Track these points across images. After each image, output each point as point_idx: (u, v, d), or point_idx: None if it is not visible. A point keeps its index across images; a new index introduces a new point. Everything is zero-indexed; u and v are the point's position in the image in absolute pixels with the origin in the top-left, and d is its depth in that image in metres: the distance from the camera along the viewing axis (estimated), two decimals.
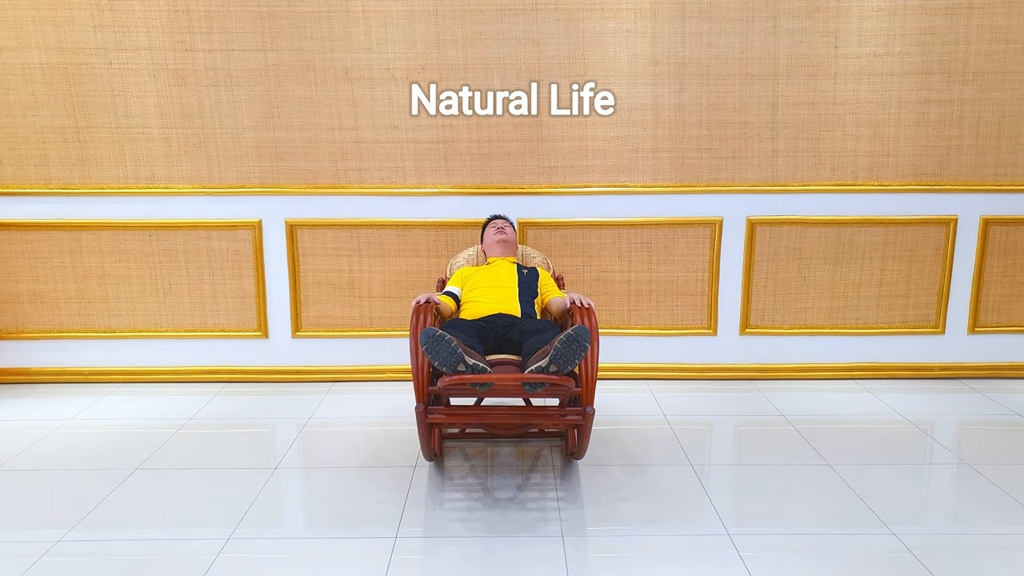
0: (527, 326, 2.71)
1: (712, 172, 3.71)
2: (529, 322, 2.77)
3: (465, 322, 2.75)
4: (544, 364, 2.28)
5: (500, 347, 2.74)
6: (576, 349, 2.27)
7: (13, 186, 3.69)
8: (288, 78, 3.60)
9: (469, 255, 3.39)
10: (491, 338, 2.72)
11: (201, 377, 3.88)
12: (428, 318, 2.61)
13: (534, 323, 2.74)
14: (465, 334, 2.58)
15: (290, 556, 2.23)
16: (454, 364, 2.24)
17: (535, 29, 3.56)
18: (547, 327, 2.67)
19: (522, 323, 2.77)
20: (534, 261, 3.35)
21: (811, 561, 2.18)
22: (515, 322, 2.79)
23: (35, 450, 3.01)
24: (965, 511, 2.51)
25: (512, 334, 2.72)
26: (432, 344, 2.25)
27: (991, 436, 3.18)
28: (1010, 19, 3.55)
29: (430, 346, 2.25)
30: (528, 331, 2.66)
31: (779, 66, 3.60)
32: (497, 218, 3.39)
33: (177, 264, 3.78)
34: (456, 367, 2.25)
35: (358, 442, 3.10)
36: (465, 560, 2.20)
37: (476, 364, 2.28)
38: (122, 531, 2.37)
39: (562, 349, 2.26)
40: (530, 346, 2.54)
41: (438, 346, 2.24)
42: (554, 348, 2.27)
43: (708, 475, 2.76)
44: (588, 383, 2.43)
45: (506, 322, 2.79)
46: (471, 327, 2.70)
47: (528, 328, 2.68)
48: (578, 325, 2.33)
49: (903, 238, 3.78)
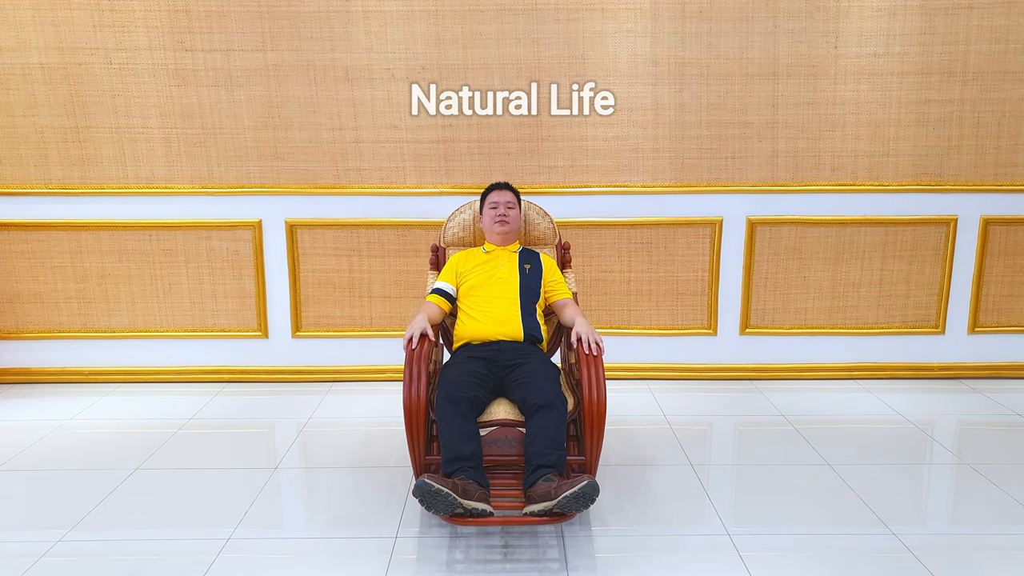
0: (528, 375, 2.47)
1: (712, 172, 3.71)
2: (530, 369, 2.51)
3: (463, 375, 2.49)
4: (547, 508, 2.13)
5: (501, 388, 2.54)
6: (583, 504, 2.13)
7: (13, 186, 3.69)
8: (288, 78, 3.60)
9: (464, 221, 3.01)
10: (491, 381, 2.52)
11: (201, 377, 3.88)
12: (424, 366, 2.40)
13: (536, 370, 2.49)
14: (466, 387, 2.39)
15: (290, 556, 2.23)
16: (451, 510, 2.12)
17: (535, 29, 3.56)
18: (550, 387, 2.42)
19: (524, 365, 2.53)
20: (539, 228, 3.02)
21: (811, 561, 2.18)
22: (517, 359, 2.57)
23: (35, 450, 3.01)
24: (965, 511, 2.50)
25: (513, 380, 2.51)
26: (428, 498, 2.11)
27: (991, 436, 3.18)
28: (1010, 19, 3.55)
29: (425, 500, 2.12)
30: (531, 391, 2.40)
31: (779, 66, 3.60)
32: (499, 189, 2.90)
33: (177, 264, 3.78)
34: (454, 512, 2.13)
35: (358, 442, 3.10)
36: (465, 560, 2.20)
37: (475, 508, 2.14)
38: (122, 531, 2.37)
39: (567, 504, 2.11)
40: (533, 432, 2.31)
41: (435, 500, 2.11)
42: (559, 500, 2.11)
43: (708, 475, 2.76)
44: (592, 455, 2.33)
45: (508, 358, 2.57)
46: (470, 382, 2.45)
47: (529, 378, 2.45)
48: (588, 481, 2.11)
49: (903, 238, 3.78)
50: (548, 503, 2.12)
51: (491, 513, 2.15)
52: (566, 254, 3.03)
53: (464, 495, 2.13)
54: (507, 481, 2.38)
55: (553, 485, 2.14)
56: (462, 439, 2.28)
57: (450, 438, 2.28)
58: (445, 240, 3.03)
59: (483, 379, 2.48)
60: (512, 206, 2.85)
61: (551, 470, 2.22)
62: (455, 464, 2.24)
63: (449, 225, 3.03)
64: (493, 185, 2.92)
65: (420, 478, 2.13)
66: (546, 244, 3.04)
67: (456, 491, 2.11)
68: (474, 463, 2.26)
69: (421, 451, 2.37)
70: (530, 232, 3.03)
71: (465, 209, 3.03)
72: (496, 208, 2.83)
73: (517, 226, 2.89)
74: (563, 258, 3.03)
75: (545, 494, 2.14)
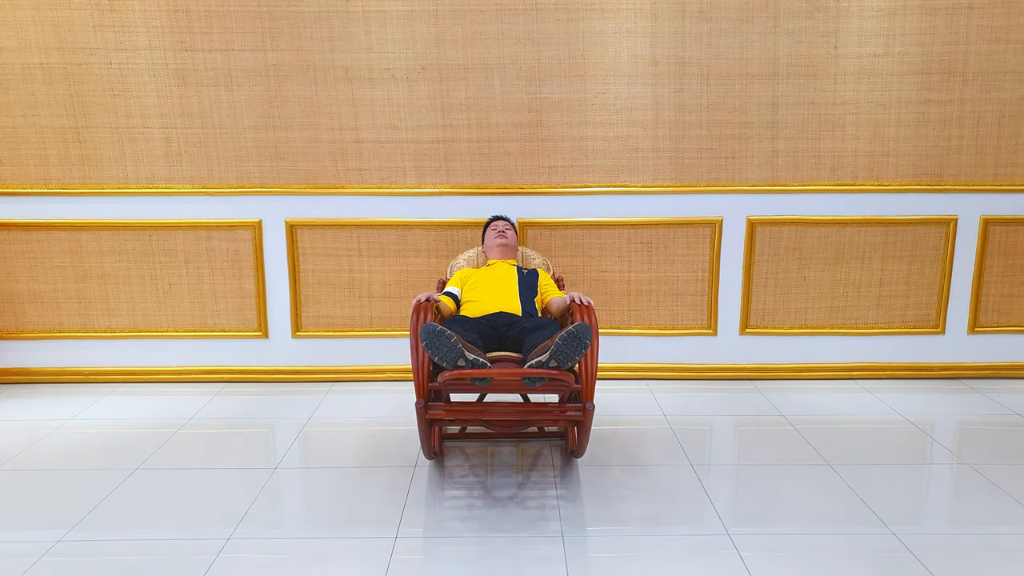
0: (528, 323, 2.72)
1: (712, 172, 3.71)
2: (530, 319, 2.77)
3: (466, 319, 2.76)
4: (544, 359, 2.28)
5: (501, 344, 2.74)
6: (577, 345, 2.27)
7: (13, 186, 3.69)
8: (288, 78, 3.60)
9: (469, 257, 3.38)
10: (492, 336, 2.73)
11: (201, 377, 3.88)
12: (428, 315, 2.61)
13: (535, 320, 2.75)
14: (465, 330, 2.58)
15: (290, 556, 2.23)
16: (454, 359, 2.24)
17: (535, 29, 3.56)
18: (548, 324, 2.67)
19: (523, 321, 2.77)
20: (534, 263, 3.35)
21: (811, 561, 2.18)
22: (516, 320, 2.79)
23: (35, 450, 3.01)
24: (965, 511, 2.50)
25: (513, 332, 2.73)
26: (432, 339, 2.24)
27: (991, 436, 3.18)
28: (1010, 19, 3.55)
29: (430, 341, 2.25)
30: (529, 328, 2.66)
31: (779, 66, 3.60)
32: (498, 219, 3.37)
33: (177, 264, 3.78)
34: (456, 362, 2.25)
35: (358, 442, 3.10)
36: (465, 560, 2.20)
37: (476, 359, 2.28)
38: (122, 531, 2.37)
39: (563, 345, 2.26)
40: (531, 342, 2.54)
41: (438, 341, 2.24)
42: (555, 344, 2.27)
43: (708, 475, 2.76)
44: (588, 379, 2.43)
45: (507, 320, 2.79)
46: (472, 324, 2.70)
47: (529, 325, 2.69)
48: (579, 322, 2.32)
49: (903, 238, 3.78)
50: (544, 354, 2.29)
51: (488, 366, 2.31)
52: (559, 283, 3.28)
53: (466, 348, 2.30)
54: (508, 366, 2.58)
55: (549, 341, 2.38)
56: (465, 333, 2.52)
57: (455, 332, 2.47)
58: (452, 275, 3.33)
59: (484, 330, 2.71)
60: (509, 229, 3.29)
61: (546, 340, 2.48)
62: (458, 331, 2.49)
63: (456, 263, 3.37)
64: (491, 218, 3.40)
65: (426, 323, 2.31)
66: None
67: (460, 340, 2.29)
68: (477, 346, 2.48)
69: (426, 375, 2.44)
70: (526, 265, 3.37)
71: (469, 251, 3.43)
72: (496, 229, 3.28)
73: (515, 244, 3.28)
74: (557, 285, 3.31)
75: (542, 348, 2.34)
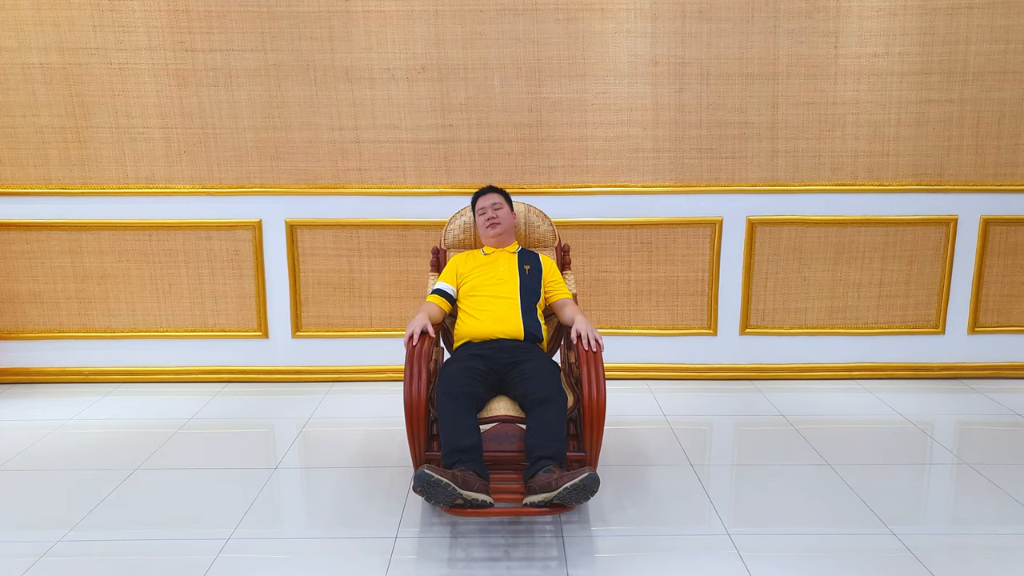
0: (529, 368, 2.49)
1: (712, 172, 3.71)
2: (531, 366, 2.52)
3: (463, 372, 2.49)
4: (548, 499, 2.14)
5: (501, 385, 2.54)
6: (583, 496, 2.13)
7: (13, 186, 3.69)
8: (288, 78, 3.60)
9: (465, 224, 3.02)
10: (492, 380, 2.53)
11: (201, 377, 3.88)
12: (424, 365, 2.41)
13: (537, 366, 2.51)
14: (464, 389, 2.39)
15: (290, 556, 2.23)
16: (451, 501, 2.12)
17: (535, 29, 3.56)
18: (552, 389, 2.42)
19: (524, 363, 2.53)
20: (539, 231, 3.03)
21: (811, 561, 2.18)
22: (517, 357, 2.56)
23: (35, 450, 3.01)
24: (965, 511, 2.50)
25: (514, 375, 2.51)
26: (427, 489, 2.11)
27: (991, 436, 3.18)
28: (1010, 19, 3.55)
29: (425, 490, 2.11)
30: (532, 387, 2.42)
31: (779, 66, 3.60)
32: (486, 194, 2.92)
33: (177, 264, 3.78)
34: (454, 503, 2.13)
35: (358, 442, 3.10)
36: (465, 560, 2.20)
37: (475, 499, 2.14)
38: (122, 531, 2.37)
39: (567, 495, 2.11)
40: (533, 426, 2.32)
41: (434, 491, 2.11)
42: (560, 492, 2.11)
43: (708, 475, 2.76)
44: (592, 451, 2.33)
45: (508, 356, 2.57)
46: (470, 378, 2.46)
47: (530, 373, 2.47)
48: (589, 474, 2.12)
49: (903, 238, 3.78)
50: (549, 494, 2.12)
51: (491, 504, 2.15)
52: (566, 256, 3.04)
53: (464, 486, 2.13)
54: (508, 476, 2.38)
55: (554, 476, 2.15)
56: (462, 432, 2.28)
57: (450, 432, 2.28)
58: (446, 242, 3.05)
59: (483, 376, 2.49)
60: (499, 206, 2.87)
61: (552, 462, 2.23)
62: (455, 456, 2.24)
63: (450, 227, 3.04)
64: (478, 192, 2.95)
65: (420, 468, 2.12)
66: (546, 246, 3.05)
67: (456, 481, 2.12)
68: (474, 455, 2.26)
69: (421, 447, 2.36)
70: (530, 235, 3.04)
71: (465, 212, 3.04)
72: (484, 213, 2.86)
73: (510, 224, 2.89)
74: (563, 260, 3.04)
75: (546, 485, 2.15)
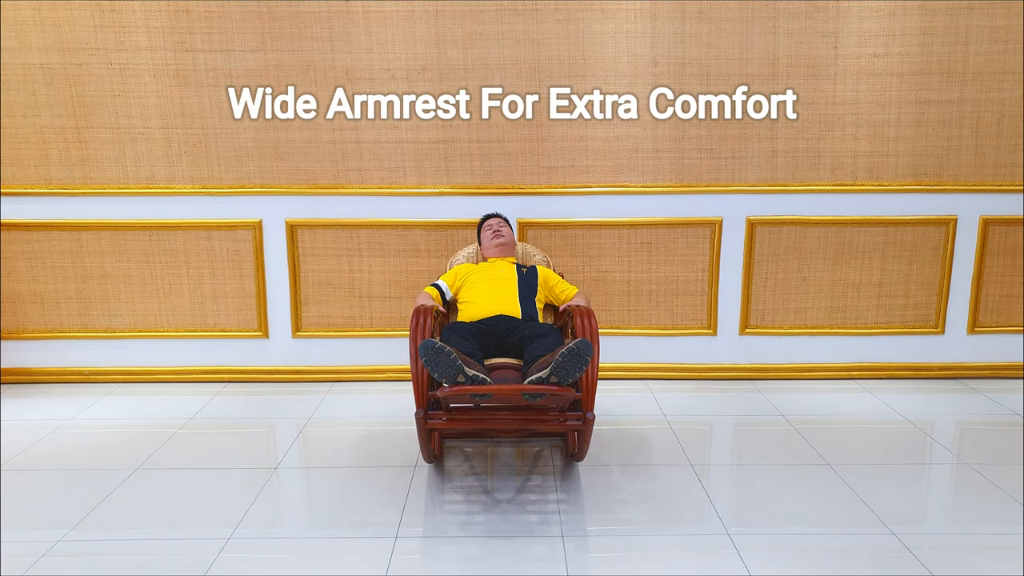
0: (527, 329, 2.70)
1: (712, 172, 3.71)
2: (530, 325, 2.75)
3: (464, 326, 2.73)
4: (544, 375, 2.26)
5: (500, 350, 2.73)
6: (577, 363, 2.24)
7: (13, 186, 3.69)
8: (288, 78, 3.60)
9: (469, 253, 3.38)
10: (491, 342, 2.71)
11: (201, 377, 3.88)
12: (428, 322, 2.59)
13: (535, 326, 2.72)
14: (464, 339, 2.56)
15: (290, 556, 2.23)
16: (453, 376, 2.22)
17: (535, 29, 3.56)
18: (548, 331, 2.65)
19: (523, 326, 2.75)
20: (534, 260, 3.34)
21: (811, 561, 2.18)
22: (515, 325, 2.77)
23: (35, 450, 3.01)
24: (965, 511, 2.51)
25: (513, 338, 2.71)
26: (431, 356, 2.22)
27: (991, 436, 3.18)
28: (1010, 19, 3.55)
29: (429, 358, 2.23)
30: (529, 335, 2.64)
31: (779, 66, 3.60)
32: (491, 218, 3.32)
33: (177, 264, 3.79)
34: (456, 378, 2.23)
35: (358, 442, 3.10)
36: (465, 560, 2.20)
37: (476, 375, 2.26)
38: (122, 531, 2.37)
39: (563, 362, 2.24)
40: (531, 352, 2.53)
41: (437, 358, 2.22)
42: (555, 360, 2.25)
43: (708, 475, 2.76)
44: (589, 389, 2.43)
45: (506, 325, 2.78)
46: (470, 331, 2.68)
47: (529, 332, 2.67)
48: (581, 339, 2.29)
49: (903, 238, 3.78)
50: (545, 370, 2.27)
51: (489, 382, 2.30)
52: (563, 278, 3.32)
53: (466, 363, 2.29)
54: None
55: (549, 355, 2.35)
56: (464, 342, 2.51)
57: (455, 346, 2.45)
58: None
59: (483, 336, 2.69)
60: (503, 225, 3.27)
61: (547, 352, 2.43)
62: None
63: (456, 259, 3.37)
64: (484, 217, 3.35)
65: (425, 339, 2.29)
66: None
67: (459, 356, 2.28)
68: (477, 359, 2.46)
69: (424, 387, 2.44)
70: (526, 261, 3.36)
71: (469, 247, 3.42)
72: (490, 228, 3.24)
73: (512, 241, 3.25)
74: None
75: (543, 363, 2.32)
